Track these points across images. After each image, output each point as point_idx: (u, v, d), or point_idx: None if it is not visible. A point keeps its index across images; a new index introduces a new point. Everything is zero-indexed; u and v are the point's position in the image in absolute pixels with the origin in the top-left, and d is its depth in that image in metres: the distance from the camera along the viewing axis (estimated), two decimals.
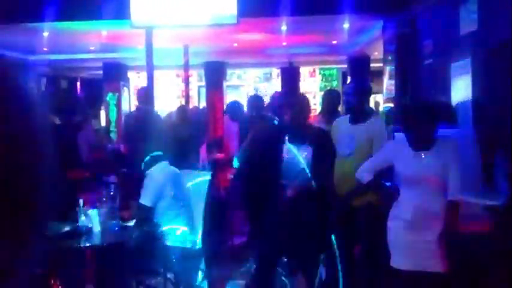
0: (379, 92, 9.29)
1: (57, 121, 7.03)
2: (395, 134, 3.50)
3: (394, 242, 2.99)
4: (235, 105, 5.97)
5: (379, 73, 8.80)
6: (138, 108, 6.37)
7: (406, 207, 2.90)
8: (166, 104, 12.23)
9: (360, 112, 3.69)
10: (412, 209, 2.87)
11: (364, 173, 3.13)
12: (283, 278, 3.88)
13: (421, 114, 2.87)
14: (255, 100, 5.74)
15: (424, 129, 2.84)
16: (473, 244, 3.03)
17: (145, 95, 6.08)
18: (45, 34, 8.59)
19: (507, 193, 3.09)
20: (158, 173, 3.59)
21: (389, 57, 7.60)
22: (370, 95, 4.13)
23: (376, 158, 3.17)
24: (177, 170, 3.69)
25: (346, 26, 8.45)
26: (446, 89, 5.34)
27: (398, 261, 2.96)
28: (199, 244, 3.76)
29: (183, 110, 7.03)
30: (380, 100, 9.21)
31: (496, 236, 2.94)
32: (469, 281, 3.11)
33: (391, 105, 7.83)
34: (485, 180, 3.92)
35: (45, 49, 10.29)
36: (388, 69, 7.79)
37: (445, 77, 5.37)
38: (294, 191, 3.26)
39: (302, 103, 3.46)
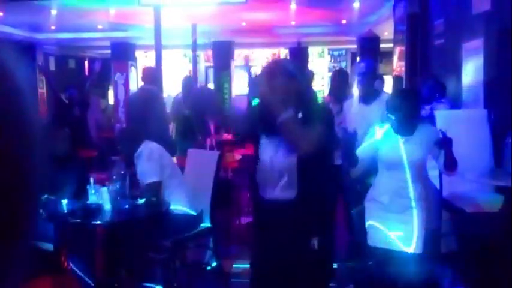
0: (389, 73, 9.20)
1: (66, 100, 7.05)
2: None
3: (370, 221, 3.04)
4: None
5: (389, 54, 8.70)
6: (141, 88, 6.33)
7: (384, 190, 2.95)
8: (173, 85, 12.21)
9: (370, 92, 3.70)
10: (389, 193, 2.92)
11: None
12: None
13: (403, 99, 2.91)
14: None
15: (405, 114, 2.87)
16: (484, 224, 3.03)
17: (151, 75, 6.04)
18: (53, 12, 8.55)
19: None
20: (149, 149, 3.59)
21: (400, 38, 7.50)
22: (376, 75, 4.16)
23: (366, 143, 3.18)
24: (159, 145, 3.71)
25: (356, 5, 8.33)
26: (457, 70, 5.27)
27: (374, 239, 3.01)
28: (206, 222, 3.78)
29: (187, 78, 6.99)
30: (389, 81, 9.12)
31: (507, 217, 2.93)
32: (480, 260, 3.12)
33: None
34: (496, 161, 3.89)
35: (52, 28, 10.25)
36: (398, 50, 7.69)
37: (457, 57, 5.30)
38: None
39: None
